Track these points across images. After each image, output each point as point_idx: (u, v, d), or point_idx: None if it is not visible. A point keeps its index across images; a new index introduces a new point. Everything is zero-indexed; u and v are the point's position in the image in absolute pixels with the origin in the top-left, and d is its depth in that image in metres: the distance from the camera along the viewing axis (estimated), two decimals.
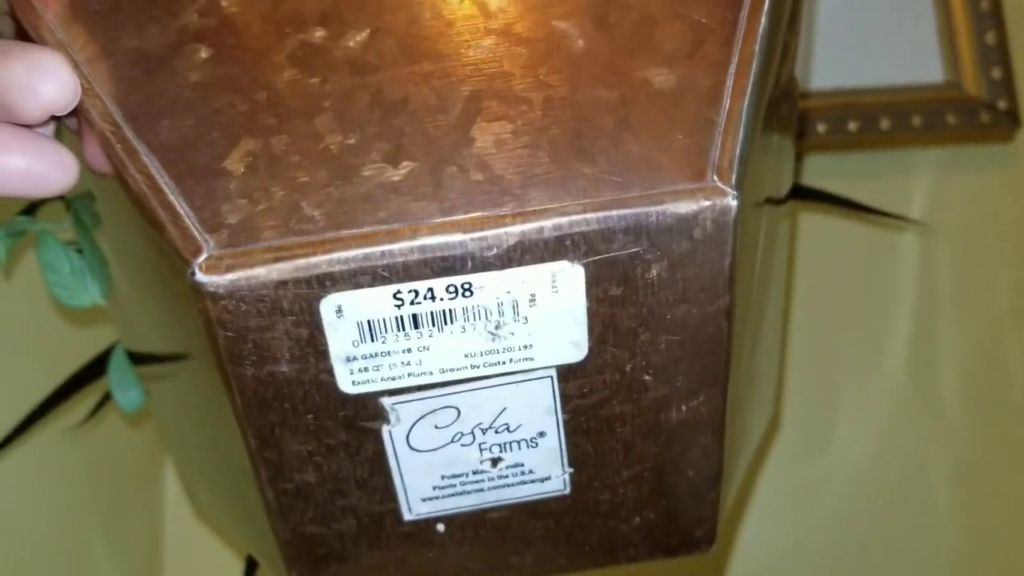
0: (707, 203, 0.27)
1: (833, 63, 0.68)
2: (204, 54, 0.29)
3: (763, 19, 0.29)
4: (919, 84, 0.68)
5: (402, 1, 0.29)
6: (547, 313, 0.28)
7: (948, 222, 0.70)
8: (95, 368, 0.48)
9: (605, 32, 0.29)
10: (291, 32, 0.29)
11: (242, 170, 0.27)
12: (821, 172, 0.67)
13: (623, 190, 0.27)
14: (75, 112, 0.28)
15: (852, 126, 0.67)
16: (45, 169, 0.28)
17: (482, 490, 0.31)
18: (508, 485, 0.31)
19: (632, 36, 0.29)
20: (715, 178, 0.27)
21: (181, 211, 0.26)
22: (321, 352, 0.27)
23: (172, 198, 0.27)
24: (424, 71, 0.28)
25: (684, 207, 0.27)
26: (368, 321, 0.27)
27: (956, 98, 0.68)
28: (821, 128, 0.67)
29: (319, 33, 0.29)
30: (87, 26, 0.29)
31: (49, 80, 0.27)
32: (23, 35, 0.29)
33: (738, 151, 0.27)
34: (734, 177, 0.27)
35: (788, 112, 0.35)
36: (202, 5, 0.29)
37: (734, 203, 0.27)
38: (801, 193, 0.58)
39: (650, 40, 0.29)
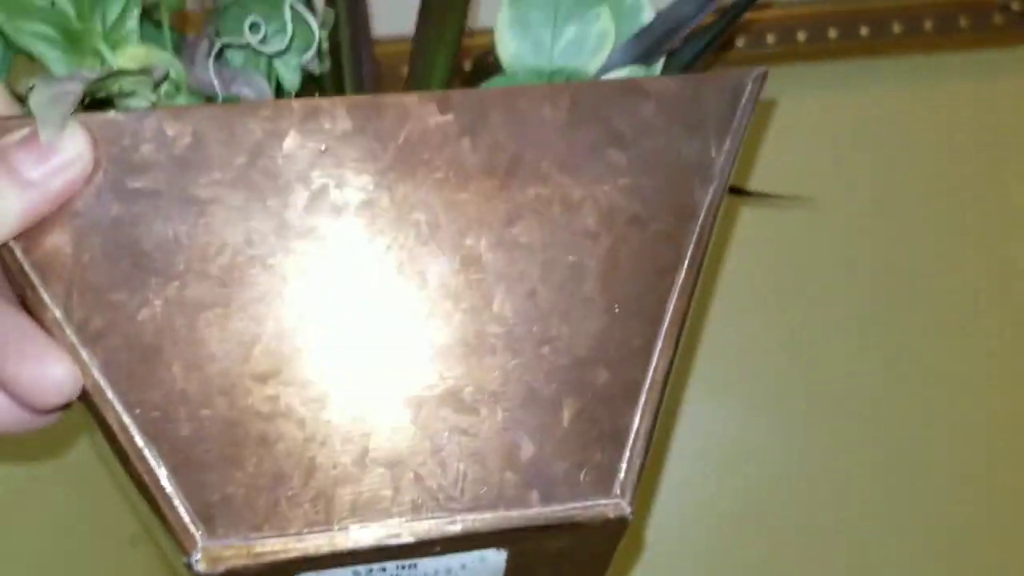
0: (611, 517, 0.34)
1: None
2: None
3: (676, 342, 0.35)
4: None
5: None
6: (473, 573, 0.35)
7: (961, 128, 0.68)
8: None
9: (547, 345, 0.34)
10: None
11: (230, 466, 0.32)
12: (833, 80, 0.66)
13: (546, 503, 0.33)
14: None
15: (863, 31, 0.65)
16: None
17: None
18: None
19: (567, 352, 0.34)
20: (618, 494, 0.34)
21: (177, 502, 0.32)
22: None
23: (170, 490, 0.32)
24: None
25: (591, 516, 0.34)
26: None
27: (968, 0, 0.65)
28: (832, 34, 0.64)
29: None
30: (82, 300, 0.31)
31: (56, 368, 0.30)
32: (17, 288, 0.31)
33: (638, 467, 0.34)
34: (631, 493, 0.34)
35: None
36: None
37: (630, 516, 0.34)
38: None
39: (578, 346, 0.34)
